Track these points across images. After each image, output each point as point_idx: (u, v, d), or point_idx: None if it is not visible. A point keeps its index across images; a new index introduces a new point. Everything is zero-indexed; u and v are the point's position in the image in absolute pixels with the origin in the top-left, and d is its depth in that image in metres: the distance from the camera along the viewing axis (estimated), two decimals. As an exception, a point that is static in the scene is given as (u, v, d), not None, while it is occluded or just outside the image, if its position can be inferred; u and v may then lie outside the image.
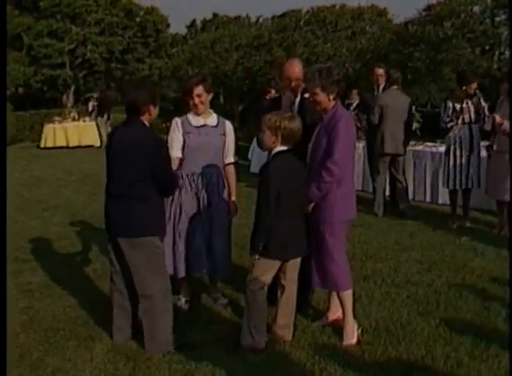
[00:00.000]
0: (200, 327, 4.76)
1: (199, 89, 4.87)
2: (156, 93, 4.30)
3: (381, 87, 8.68)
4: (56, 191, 11.32)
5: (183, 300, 5.19)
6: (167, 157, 4.34)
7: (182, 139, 4.90)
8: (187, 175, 4.90)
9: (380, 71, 8.72)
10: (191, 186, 4.90)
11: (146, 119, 4.19)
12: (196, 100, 4.87)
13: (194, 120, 4.95)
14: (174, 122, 4.97)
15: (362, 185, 10.37)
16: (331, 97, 4.35)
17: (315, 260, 4.46)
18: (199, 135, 4.91)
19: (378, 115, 8.22)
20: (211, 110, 5.07)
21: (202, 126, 4.94)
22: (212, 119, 5.02)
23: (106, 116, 19.57)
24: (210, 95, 5.01)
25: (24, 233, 7.70)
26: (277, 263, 4.24)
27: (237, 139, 5.59)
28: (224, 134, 5.03)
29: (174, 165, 4.74)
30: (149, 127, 4.24)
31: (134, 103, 4.12)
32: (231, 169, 5.16)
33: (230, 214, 5.13)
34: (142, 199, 4.10)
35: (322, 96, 4.33)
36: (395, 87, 8.40)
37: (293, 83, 5.00)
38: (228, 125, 5.12)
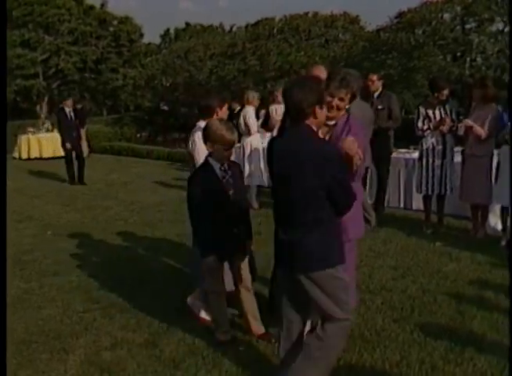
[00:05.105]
0: (176, 338, 4.72)
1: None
2: (322, 91, 3.51)
3: (377, 93, 8.55)
4: (30, 202, 11.21)
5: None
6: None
7: None
8: None
9: (374, 77, 8.62)
10: None
11: (312, 123, 3.46)
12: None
13: None
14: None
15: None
16: (347, 106, 4.10)
17: None
18: None
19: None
20: None
21: None
22: None
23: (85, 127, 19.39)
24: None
25: (-3, 246, 7.59)
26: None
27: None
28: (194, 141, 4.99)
29: None
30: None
31: (298, 105, 3.39)
32: None
33: None
34: (317, 224, 3.42)
35: (346, 104, 4.03)
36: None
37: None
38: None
